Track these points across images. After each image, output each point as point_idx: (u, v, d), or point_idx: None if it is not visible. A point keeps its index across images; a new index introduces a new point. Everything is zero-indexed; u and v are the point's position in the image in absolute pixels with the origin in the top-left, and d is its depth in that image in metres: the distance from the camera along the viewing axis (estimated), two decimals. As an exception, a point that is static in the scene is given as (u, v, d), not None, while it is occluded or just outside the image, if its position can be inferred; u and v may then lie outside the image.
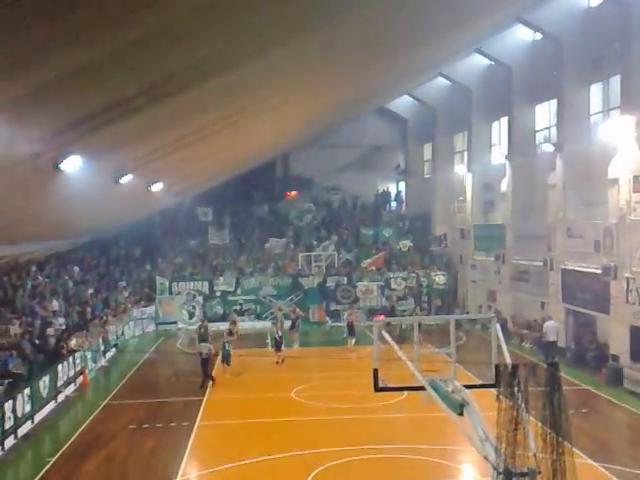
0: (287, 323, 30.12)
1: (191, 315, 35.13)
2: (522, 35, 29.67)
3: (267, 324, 32.86)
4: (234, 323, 28.67)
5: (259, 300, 35.50)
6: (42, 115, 11.34)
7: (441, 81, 37.36)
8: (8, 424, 16.96)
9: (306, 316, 35.04)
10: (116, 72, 10.67)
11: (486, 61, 33.01)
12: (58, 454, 16.37)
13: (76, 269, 34.85)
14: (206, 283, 35.90)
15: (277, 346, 26.21)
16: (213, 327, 32.39)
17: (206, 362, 22.70)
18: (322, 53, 16.66)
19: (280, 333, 26.75)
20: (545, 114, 29.77)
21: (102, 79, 10.77)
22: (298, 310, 31.75)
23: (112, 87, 11.52)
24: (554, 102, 28.06)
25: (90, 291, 32.71)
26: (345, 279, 36.36)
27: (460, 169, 37.12)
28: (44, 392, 20.02)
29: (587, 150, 25.11)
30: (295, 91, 20.50)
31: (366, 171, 44.55)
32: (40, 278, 30.65)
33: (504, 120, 32.48)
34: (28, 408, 18.50)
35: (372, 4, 14.15)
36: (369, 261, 37.76)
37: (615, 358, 22.33)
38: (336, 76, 20.81)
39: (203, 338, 25.27)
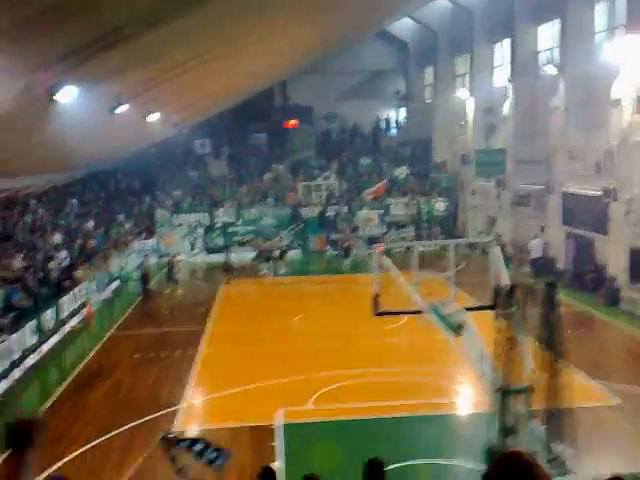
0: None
1: (192, 246, 35.30)
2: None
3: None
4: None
5: (260, 231, 35.53)
6: (34, 46, 11.06)
7: (442, 2, 36.26)
8: (15, 356, 17.23)
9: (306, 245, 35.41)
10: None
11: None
12: (65, 383, 16.70)
13: (75, 202, 34.79)
14: (206, 215, 35.88)
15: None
16: (215, 259, 32.82)
17: (145, 276, 26.40)
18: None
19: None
20: (548, 35, 29.02)
21: (94, 6, 10.45)
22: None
23: (105, 14, 11.17)
24: (557, 22, 27.30)
25: (91, 224, 32.75)
26: (345, 208, 36.27)
27: (462, 93, 36.43)
28: (49, 324, 20.28)
29: (590, 71, 24.56)
30: (293, 16, 19.91)
31: (366, 98, 43.86)
32: (40, 212, 30.63)
33: (507, 42, 31.70)
34: (34, 340, 18.77)
35: None
36: (370, 190, 37.54)
37: (613, 279, 22.45)
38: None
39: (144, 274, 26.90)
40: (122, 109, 19.41)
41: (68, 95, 14.04)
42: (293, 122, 43.61)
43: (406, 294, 11.68)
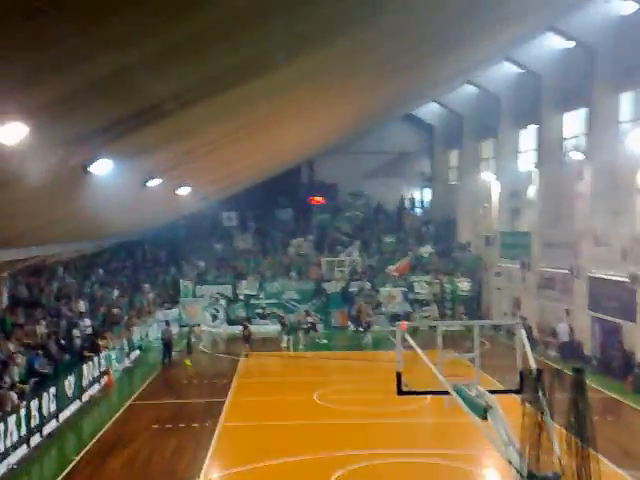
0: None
1: (214, 318, 35.37)
2: (553, 43, 29.40)
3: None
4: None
5: (282, 304, 35.60)
6: (73, 119, 11.48)
7: (469, 88, 37.24)
8: (34, 422, 17.16)
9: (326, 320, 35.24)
10: (146, 78, 10.78)
11: (515, 68, 32.85)
12: (82, 453, 16.54)
13: (100, 271, 35.29)
14: (229, 287, 36.11)
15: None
16: (236, 331, 32.71)
17: (167, 345, 27.48)
18: (349, 61, 16.69)
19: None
20: (574, 122, 29.53)
21: (132, 85, 10.89)
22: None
23: (142, 93, 11.64)
24: (583, 110, 27.86)
25: (115, 293, 33.08)
26: (368, 284, 36.31)
27: (487, 176, 36.91)
28: (69, 391, 20.25)
29: (616, 159, 24.89)
30: (321, 98, 20.56)
31: (391, 177, 44.51)
32: (67, 279, 31.05)
33: (532, 128, 32.28)
34: (53, 407, 18.71)
35: (400, 12, 14.15)
36: (394, 267, 37.67)
37: (642, 367, 22.01)
38: (363, 84, 20.83)
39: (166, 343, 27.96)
40: (154, 183, 19.91)
41: (102, 168, 14.39)
42: (318, 199, 44.26)
43: (429, 374, 11.59)
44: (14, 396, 16.96)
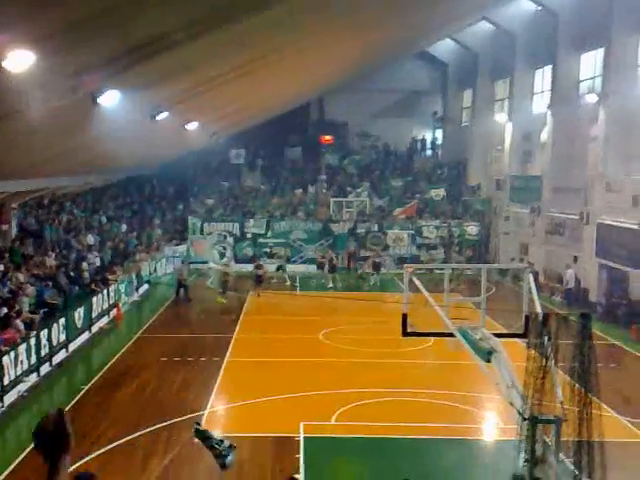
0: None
1: (222, 255, 35.50)
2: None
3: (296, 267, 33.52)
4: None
5: (289, 244, 35.67)
6: (79, 49, 11.29)
7: (485, 25, 36.26)
8: (44, 352, 17.47)
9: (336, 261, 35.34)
10: (155, 7, 10.54)
11: (533, 6, 31.93)
12: (91, 382, 16.88)
13: (110, 205, 35.32)
14: (237, 225, 36.13)
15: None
16: (243, 269, 32.89)
17: (179, 281, 27.49)
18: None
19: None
20: (590, 64, 28.88)
21: (141, 14, 10.66)
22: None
23: (151, 22, 11.39)
24: (600, 52, 27.16)
25: (124, 228, 33.20)
26: (376, 226, 36.28)
27: (500, 117, 36.31)
28: (79, 322, 20.54)
29: (632, 102, 24.40)
30: (332, 32, 20.08)
31: (402, 117, 43.86)
32: (76, 212, 31.12)
33: (548, 68, 31.59)
34: (63, 337, 19.02)
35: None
36: (401, 210, 37.53)
37: (647, 315, 22.09)
38: (375, 18, 20.30)
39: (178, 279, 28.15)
40: (162, 116, 19.75)
41: (111, 99, 14.28)
42: (328, 138, 43.79)
43: (434, 316, 11.67)
44: (21, 325, 17.21)
